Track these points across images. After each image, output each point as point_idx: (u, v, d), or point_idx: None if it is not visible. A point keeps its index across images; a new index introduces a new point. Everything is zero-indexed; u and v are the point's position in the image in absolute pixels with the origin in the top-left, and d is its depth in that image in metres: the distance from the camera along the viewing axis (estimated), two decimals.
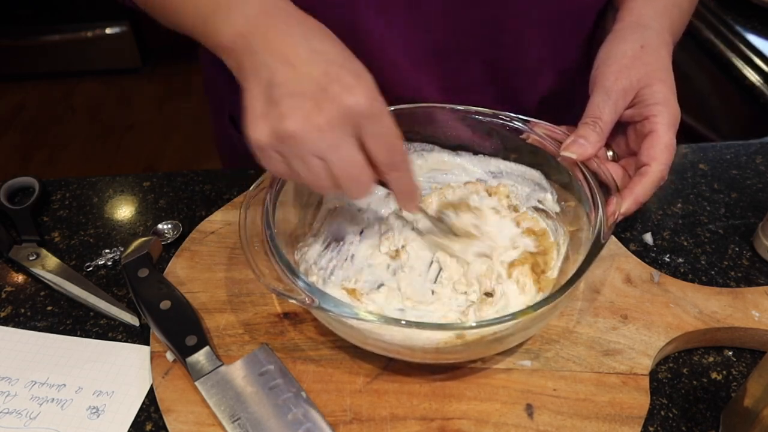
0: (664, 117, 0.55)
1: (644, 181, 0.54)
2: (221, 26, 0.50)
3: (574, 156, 0.55)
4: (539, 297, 0.55)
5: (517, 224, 0.61)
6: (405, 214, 0.61)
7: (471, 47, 0.69)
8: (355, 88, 0.46)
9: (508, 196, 0.63)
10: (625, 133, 0.59)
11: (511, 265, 0.57)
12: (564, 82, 0.75)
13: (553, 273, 0.57)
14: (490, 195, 0.64)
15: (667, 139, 0.55)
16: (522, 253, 0.59)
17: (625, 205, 0.54)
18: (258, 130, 0.47)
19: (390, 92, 0.63)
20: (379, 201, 0.63)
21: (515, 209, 0.63)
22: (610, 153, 0.60)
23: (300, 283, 0.47)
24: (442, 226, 0.59)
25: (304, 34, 0.49)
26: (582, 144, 0.55)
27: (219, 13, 0.51)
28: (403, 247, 0.59)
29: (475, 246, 0.59)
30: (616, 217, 0.52)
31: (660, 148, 0.55)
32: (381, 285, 0.57)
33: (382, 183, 0.51)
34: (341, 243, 0.60)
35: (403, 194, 0.52)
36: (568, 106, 0.78)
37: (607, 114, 0.55)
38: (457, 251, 0.58)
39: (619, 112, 0.56)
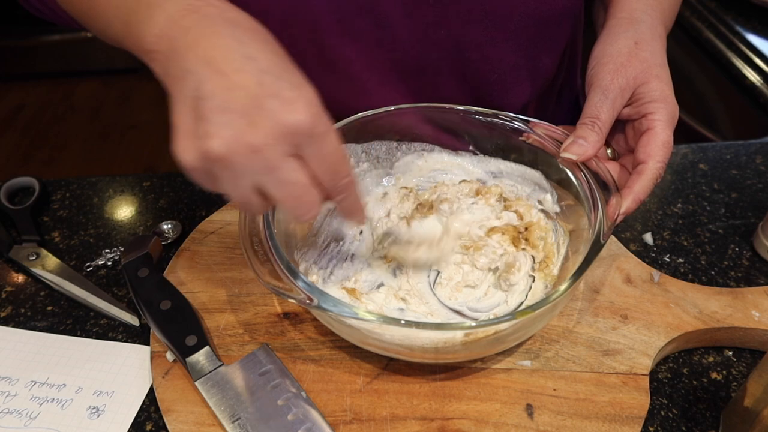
0: (661, 114, 0.55)
1: (642, 179, 0.54)
2: (144, 27, 0.45)
3: (574, 157, 0.55)
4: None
5: (503, 209, 0.62)
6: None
7: (441, 63, 0.68)
8: (295, 103, 0.41)
9: (501, 194, 0.63)
10: (623, 131, 0.59)
11: (491, 229, 0.59)
12: (542, 88, 0.75)
13: (553, 272, 0.57)
14: (477, 195, 0.64)
15: (665, 136, 0.55)
16: (505, 224, 0.60)
17: (625, 204, 0.53)
18: (184, 149, 0.41)
19: (359, 108, 0.61)
20: (375, 202, 0.63)
21: (505, 199, 0.63)
22: (609, 151, 0.60)
23: (300, 283, 0.47)
24: (391, 239, 0.59)
25: (237, 36, 0.43)
26: (582, 144, 0.55)
27: (140, 12, 0.45)
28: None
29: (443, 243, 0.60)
30: (617, 216, 0.52)
31: (657, 146, 0.54)
32: (381, 285, 0.57)
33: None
34: (341, 243, 0.60)
35: (349, 214, 0.49)
36: (547, 110, 0.79)
37: (605, 113, 0.55)
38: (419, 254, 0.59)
39: (618, 111, 0.56)
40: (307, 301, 0.46)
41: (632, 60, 0.56)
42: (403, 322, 0.45)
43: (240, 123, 0.40)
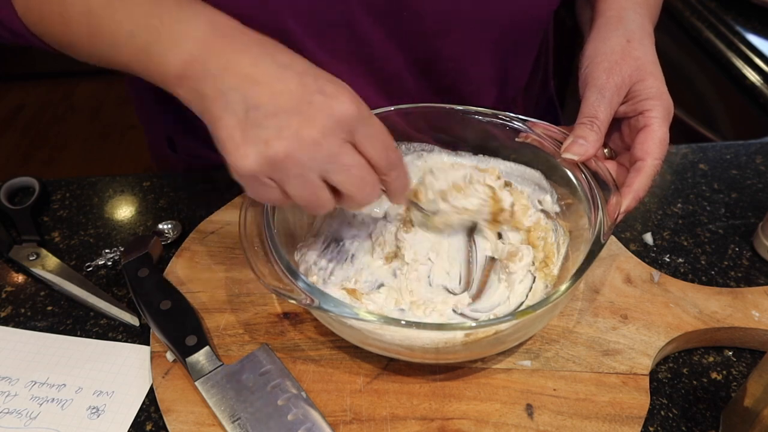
0: (658, 111, 0.55)
1: (641, 176, 0.54)
2: (167, 54, 0.46)
3: (575, 157, 0.55)
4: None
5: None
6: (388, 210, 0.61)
7: (415, 74, 0.68)
8: (340, 95, 0.44)
9: (499, 177, 0.63)
10: (619, 129, 0.59)
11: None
12: (512, 95, 0.76)
13: (553, 272, 0.57)
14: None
15: (661, 133, 0.55)
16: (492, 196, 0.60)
17: (626, 202, 0.54)
18: (244, 158, 0.43)
19: None
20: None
21: (506, 184, 0.63)
22: (606, 150, 0.60)
23: (300, 284, 0.47)
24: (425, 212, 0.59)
25: (264, 50, 0.46)
26: (582, 144, 0.55)
27: (162, 40, 0.46)
28: (398, 248, 0.59)
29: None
30: (617, 215, 0.52)
31: (654, 143, 0.54)
32: (381, 285, 0.57)
33: None
34: (341, 243, 0.60)
35: (400, 191, 0.51)
36: (514, 109, 0.79)
37: (603, 112, 0.55)
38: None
39: (614, 109, 0.56)
40: (308, 302, 0.46)
41: (626, 58, 0.56)
42: (403, 322, 0.45)
43: (296, 121, 0.43)
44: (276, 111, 0.43)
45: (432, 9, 0.63)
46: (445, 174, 0.59)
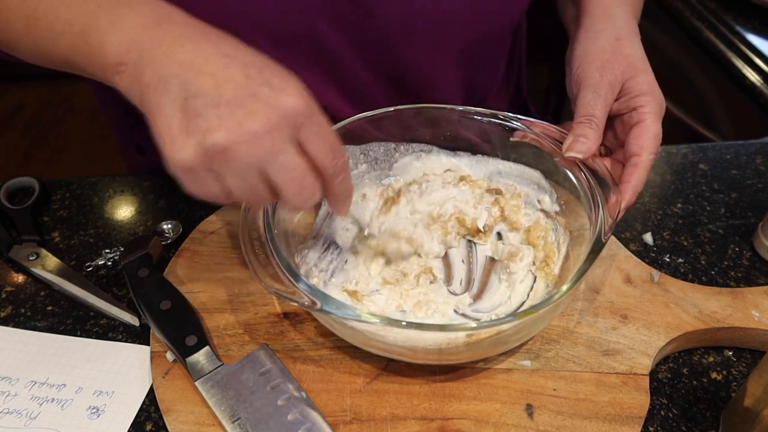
0: (651, 107, 0.56)
1: (638, 171, 0.55)
2: (106, 39, 0.44)
3: (579, 156, 0.55)
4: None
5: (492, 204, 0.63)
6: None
7: (380, 81, 0.68)
8: (287, 88, 0.42)
9: (488, 189, 0.64)
10: (612, 126, 0.60)
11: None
12: (477, 98, 0.76)
13: (554, 271, 0.57)
14: (461, 181, 0.64)
15: (655, 128, 0.56)
16: (473, 219, 0.61)
17: (626, 197, 0.54)
18: (181, 149, 0.41)
19: None
20: (355, 205, 0.63)
21: (497, 192, 0.63)
22: (601, 148, 0.61)
23: (302, 286, 0.47)
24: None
25: (211, 41, 0.43)
26: (584, 142, 0.55)
27: (100, 25, 0.44)
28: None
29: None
30: (618, 213, 0.52)
31: (649, 137, 0.55)
32: (382, 286, 0.57)
33: None
34: (341, 244, 0.60)
35: (343, 199, 0.49)
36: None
37: (600, 110, 0.56)
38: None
39: (609, 107, 0.57)
40: (310, 305, 0.46)
41: (617, 56, 0.57)
42: (403, 323, 0.45)
43: (238, 113, 0.40)
44: (218, 101, 0.41)
45: (395, 15, 0.62)
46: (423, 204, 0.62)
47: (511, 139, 0.61)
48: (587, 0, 0.64)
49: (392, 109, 0.61)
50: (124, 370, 0.55)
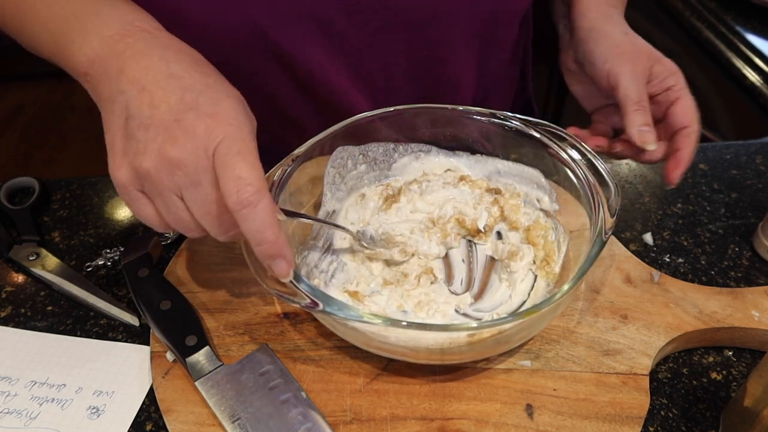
0: (682, 83, 0.60)
1: (692, 140, 0.59)
2: (77, 50, 0.45)
3: (654, 146, 0.59)
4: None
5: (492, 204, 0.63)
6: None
7: (392, 67, 0.69)
8: (216, 115, 0.41)
9: (488, 189, 0.64)
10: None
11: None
12: (485, 87, 0.77)
13: (554, 270, 0.58)
14: (460, 181, 0.65)
15: (693, 101, 0.60)
16: (473, 219, 0.62)
17: (684, 164, 0.59)
18: (118, 168, 0.42)
19: (316, 95, 0.65)
20: (354, 205, 0.63)
21: (496, 192, 0.64)
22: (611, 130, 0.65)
23: (303, 287, 0.47)
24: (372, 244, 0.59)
25: (165, 57, 0.43)
26: (651, 130, 0.59)
27: (72, 34, 0.45)
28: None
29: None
30: (676, 177, 0.59)
31: (693, 110, 0.60)
32: (382, 287, 0.57)
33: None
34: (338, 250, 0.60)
35: (256, 238, 0.42)
36: (487, 105, 0.81)
37: (645, 95, 0.59)
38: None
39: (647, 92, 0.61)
40: (312, 306, 0.46)
41: (635, 47, 0.62)
42: (404, 323, 0.45)
43: (161, 138, 0.41)
44: (148, 123, 0.41)
45: (418, 2, 0.64)
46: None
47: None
48: (580, 4, 0.66)
49: (392, 109, 0.61)
50: (124, 370, 0.55)
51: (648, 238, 0.67)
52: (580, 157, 0.58)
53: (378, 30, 0.65)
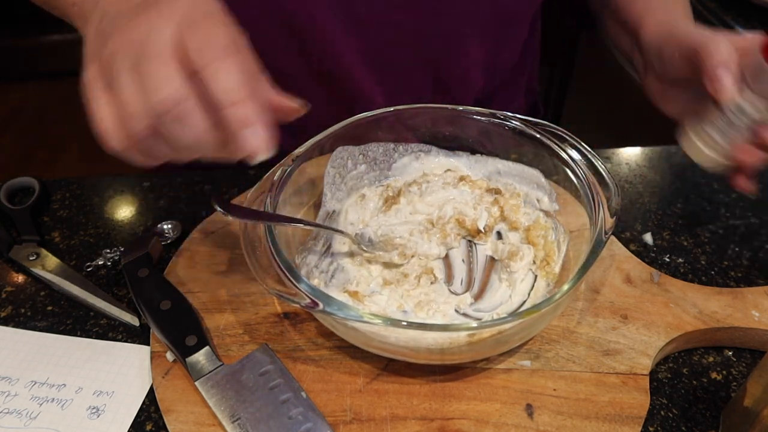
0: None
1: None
2: None
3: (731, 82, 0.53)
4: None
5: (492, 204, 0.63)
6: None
7: (409, 58, 0.70)
8: (185, 2, 0.40)
9: (488, 189, 0.64)
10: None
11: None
12: (494, 82, 0.78)
13: (554, 270, 0.58)
14: (460, 181, 0.65)
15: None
16: (473, 220, 0.61)
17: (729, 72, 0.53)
18: (88, 68, 0.41)
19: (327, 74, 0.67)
20: (354, 205, 0.63)
21: (496, 192, 0.64)
22: None
23: (303, 287, 0.47)
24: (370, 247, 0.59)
25: None
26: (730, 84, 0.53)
27: None
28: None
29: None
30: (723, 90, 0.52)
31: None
32: (382, 287, 0.57)
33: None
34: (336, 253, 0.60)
35: (226, 101, 0.37)
36: (495, 101, 0.83)
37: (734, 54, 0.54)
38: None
39: None
40: (312, 306, 0.46)
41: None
42: (405, 323, 0.45)
43: (126, 21, 0.40)
44: (117, 14, 0.42)
45: None
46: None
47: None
48: (647, 24, 0.66)
49: (392, 109, 0.61)
50: (124, 370, 0.55)
51: (648, 238, 0.67)
52: (580, 157, 0.58)
53: (402, 24, 0.66)
